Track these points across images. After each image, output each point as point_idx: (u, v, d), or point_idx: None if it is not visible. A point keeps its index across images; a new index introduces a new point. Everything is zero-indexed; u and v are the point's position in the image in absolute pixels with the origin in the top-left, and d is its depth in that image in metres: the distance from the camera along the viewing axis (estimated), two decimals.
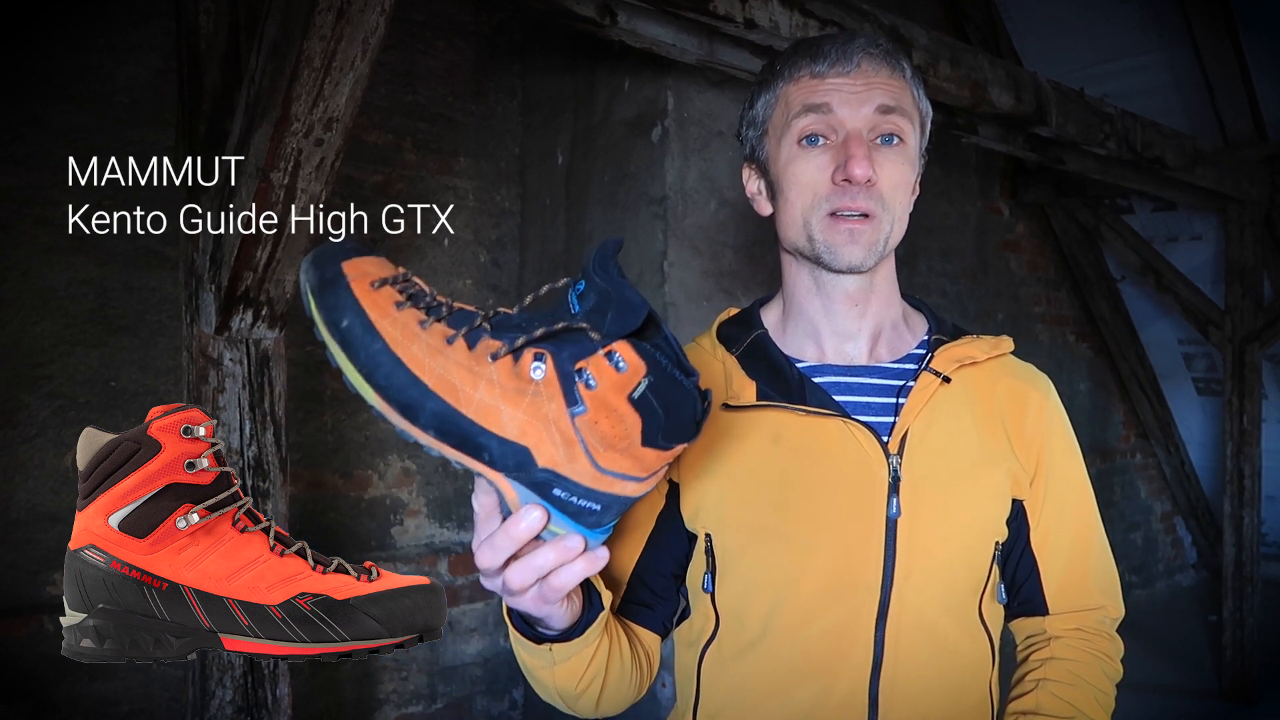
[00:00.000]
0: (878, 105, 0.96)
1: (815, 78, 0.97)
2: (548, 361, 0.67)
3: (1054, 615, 1.04)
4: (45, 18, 2.36)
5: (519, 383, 0.67)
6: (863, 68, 0.96)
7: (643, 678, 1.03)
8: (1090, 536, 1.06)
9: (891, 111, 0.97)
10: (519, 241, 3.29)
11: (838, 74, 0.96)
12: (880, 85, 0.97)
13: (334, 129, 1.53)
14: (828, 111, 0.96)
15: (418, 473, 3.07)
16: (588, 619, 0.88)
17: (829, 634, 0.95)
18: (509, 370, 0.68)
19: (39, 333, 2.35)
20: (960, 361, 1.02)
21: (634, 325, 0.69)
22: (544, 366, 0.67)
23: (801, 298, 1.04)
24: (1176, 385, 5.23)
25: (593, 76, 2.96)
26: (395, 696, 2.93)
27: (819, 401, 0.99)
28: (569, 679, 0.92)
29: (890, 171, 0.96)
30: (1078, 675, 1.00)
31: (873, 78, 0.97)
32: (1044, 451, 1.03)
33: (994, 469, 1.00)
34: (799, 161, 0.98)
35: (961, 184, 4.11)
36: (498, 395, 0.67)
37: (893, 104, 0.97)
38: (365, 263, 0.72)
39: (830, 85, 0.96)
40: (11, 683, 2.25)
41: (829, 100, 0.96)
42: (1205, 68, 3.92)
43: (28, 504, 2.33)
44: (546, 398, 0.67)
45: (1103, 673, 1.01)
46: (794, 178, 0.98)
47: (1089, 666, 1.01)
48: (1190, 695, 4.09)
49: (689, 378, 0.69)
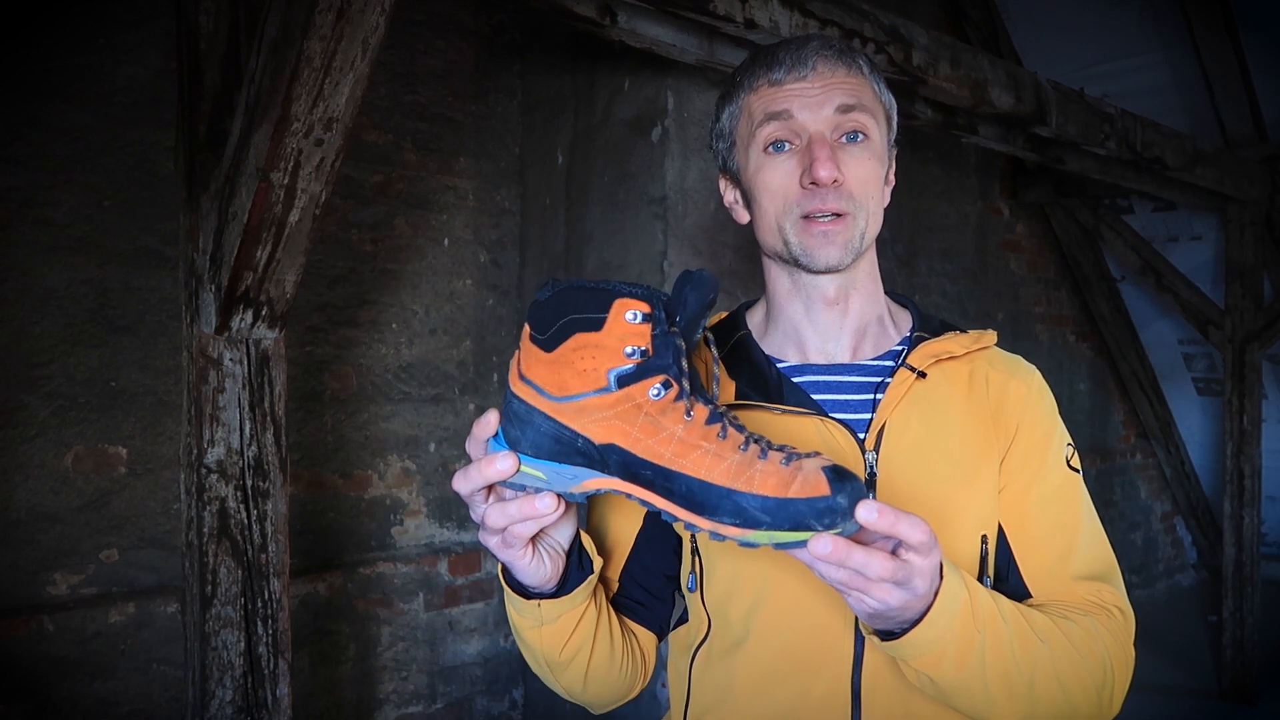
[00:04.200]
0: (837, 105, 0.97)
1: (774, 85, 0.98)
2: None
3: (1038, 596, 0.99)
4: (45, 18, 2.36)
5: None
6: (819, 70, 0.97)
7: (635, 671, 1.04)
8: (1073, 522, 1.00)
9: (852, 109, 0.97)
10: (519, 241, 3.29)
11: (795, 79, 0.97)
12: (838, 85, 0.97)
13: (334, 129, 1.53)
14: (789, 117, 0.97)
15: (418, 473, 3.07)
16: (575, 580, 0.91)
17: (809, 632, 0.95)
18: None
19: (39, 333, 2.35)
20: (937, 356, 1.01)
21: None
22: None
23: (782, 300, 1.05)
24: (1176, 385, 5.23)
25: (593, 76, 2.96)
26: (395, 696, 2.93)
27: (797, 401, 1.00)
28: (554, 642, 0.94)
29: (856, 169, 0.97)
30: (1066, 615, 0.93)
31: (829, 78, 0.97)
32: (1018, 430, 1.01)
33: (978, 462, 0.99)
34: (766, 169, 0.99)
35: (961, 184, 4.11)
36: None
37: (852, 102, 0.97)
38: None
39: (789, 91, 0.98)
40: (11, 683, 2.25)
41: (789, 106, 0.97)
42: (1205, 68, 3.92)
43: (28, 504, 2.33)
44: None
45: (1092, 629, 0.93)
46: (764, 185, 1.00)
47: (1082, 617, 0.94)
48: (1190, 695, 4.09)
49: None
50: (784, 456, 0.75)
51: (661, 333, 0.77)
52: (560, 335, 0.77)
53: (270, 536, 1.74)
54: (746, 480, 0.73)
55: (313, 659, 2.75)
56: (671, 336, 0.78)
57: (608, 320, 0.76)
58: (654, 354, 0.76)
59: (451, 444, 3.14)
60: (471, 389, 3.19)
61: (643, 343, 0.76)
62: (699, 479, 0.74)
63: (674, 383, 0.77)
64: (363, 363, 2.94)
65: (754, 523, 0.72)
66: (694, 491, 0.74)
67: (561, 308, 0.78)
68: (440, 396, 3.12)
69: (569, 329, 0.77)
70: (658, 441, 0.75)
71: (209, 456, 1.69)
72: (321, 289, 2.85)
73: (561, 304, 0.78)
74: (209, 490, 1.69)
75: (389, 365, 3.00)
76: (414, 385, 3.06)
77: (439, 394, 3.12)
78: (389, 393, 3.00)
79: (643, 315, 0.76)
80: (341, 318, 2.89)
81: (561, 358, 0.77)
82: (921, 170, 3.88)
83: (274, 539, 1.75)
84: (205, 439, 1.69)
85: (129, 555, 2.48)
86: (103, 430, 2.43)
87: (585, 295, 0.77)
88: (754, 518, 0.72)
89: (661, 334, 0.77)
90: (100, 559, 2.44)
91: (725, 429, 0.76)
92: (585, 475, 0.78)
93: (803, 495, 0.72)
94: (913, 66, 2.42)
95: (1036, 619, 0.90)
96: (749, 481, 0.73)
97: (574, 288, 0.78)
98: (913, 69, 2.42)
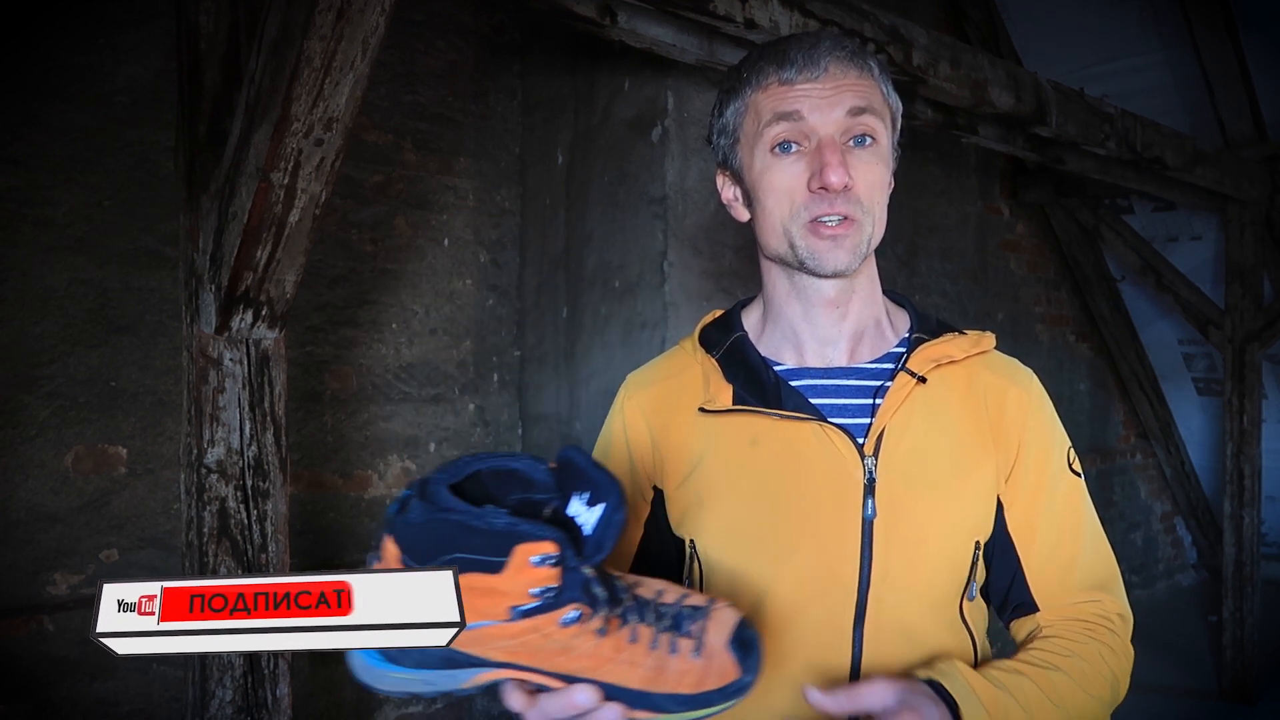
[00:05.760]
0: (848, 108, 0.95)
1: (784, 84, 0.96)
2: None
3: (1045, 610, 1.02)
4: (45, 18, 2.36)
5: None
6: (830, 71, 0.95)
7: None
8: (1076, 529, 1.03)
9: (863, 112, 0.96)
10: (519, 241, 3.29)
11: (806, 79, 0.95)
12: (849, 87, 0.95)
13: (334, 129, 1.53)
14: (799, 119, 0.95)
15: (418, 473, 3.07)
16: None
17: (808, 635, 0.95)
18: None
19: (39, 333, 2.35)
20: (938, 361, 1.01)
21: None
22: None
23: (781, 302, 1.04)
24: (1176, 385, 5.23)
25: (593, 76, 2.96)
26: (395, 696, 2.93)
27: (795, 405, 0.99)
28: None
29: (865, 173, 0.96)
30: (1068, 648, 0.97)
31: (841, 80, 0.95)
32: (1021, 444, 1.01)
33: (975, 467, 0.99)
34: (774, 171, 0.97)
35: (961, 184, 4.11)
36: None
37: (863, 105, 0.96)
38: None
39: (799, 91, 0.95)
40: (11, 683, 2.25)
41: (799, 107, 0.95)
42: (1205, 68, 3.92)
43: (28, 504, 2.33)
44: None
45: (1098, 655, 0.97)
46: (770, 187, 0.98)
47: (1085, 644, 0.97)
48: (1190, 695, 4.09)
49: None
50: (694, 644, 0.75)
51: (573, 568, 0.71)
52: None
53: (270, 536, 1.74)
54: (661, 683, 0.74)
55: (313, 659, 2.75)
56: (581, 572, 0.72)
57: (509, 566, 0.69)
58: (564, 589, 0.71)
59: (451, 444, 3.14)
60: (471, 389, 3.19)
61: (552, 582, 0.70)
62: (612, 685, 0.74)
63: (586, 607, 0.72)
64: (363, 363, 2.94)
65: (667, 711, 0.75)
66: (608, 696, 0.74)
67: (443, 542, 0.70)
68: (440, 396, 3.12)
69: (457, 567, 0.68)
70: (569, 659, 0.73)
71: (209, 456, 1.69)
72: (321, 289, 2.85)
73: (442, 538, 0.70)
74: (209, 490, 1.69)
75: (389, 365, 3.00)
76: (414, 385, 3.06)
77: (439, 394, 3.12)
78: (389, 393, 3.00)
79: (552, 559, 0.70)
80: (341, 318, 2.89)
81: None
82: (921, 170, 3.88)
83: (274, 539, 1.75)
84: (205, 439, 1.69)
85: (129, 555, 2.48)
86: (103, 430, 2.42)
87: (477, 536, 0.69)
88: (670, 709, 0.75)
89: (572, 570, 0.71)
90: (100, 559, 2.44)
91: (635, 633, 0.74)
92: (479, 670, 0.74)
93: (718, 686, 0.75)
94: (913, 66, 2.42)
95: (1050, 683, 0.92)
96: (664, 684, 0.74)
97: (457, 524, 0.70)
98: (913, 69, 2.42)
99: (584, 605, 0.73)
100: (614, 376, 1.13)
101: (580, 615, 0.72)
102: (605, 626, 0.74)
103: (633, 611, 0.75)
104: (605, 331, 2.89)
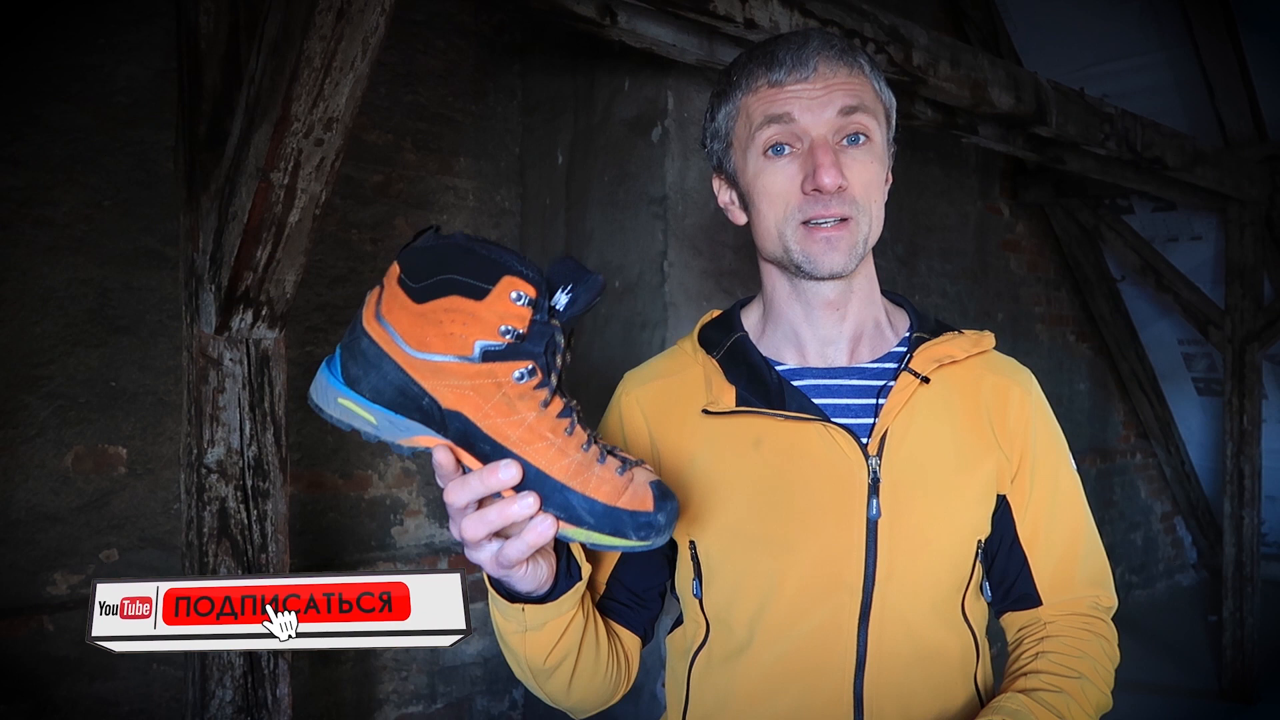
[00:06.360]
0: (840, 107, 0.94)
1: (774, 86, 0.95)
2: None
3: (1048, 606, 1.04)
4: (45, 18, 2.36)
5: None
6: (820, 71, 0.94)
7: (619, 676, 1.02)
8: (1079, 527, 1.05)
9: (855, 111, 0.95)
10: (519, 241, 3.29)
11: (796, 80, 0.94)
12: (840, 86, 0.94)
13: (334, 129, 1.53)
14: (790, 121, 0.94)
15: (417, 473, 3.07)
16: (564, 587, 0.88)
17: (812, 636, 0.95)
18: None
19: (39, 333, 2.35)
20: (940, 361, 1.01)
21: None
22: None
23: (781, 303, 1.04)
24: (1176, 385, 5.22)
25: (593, 76, 2.96)
26: (395, 696, 2.93)
27: (798, 405, 0.99)
28: (540, 650, 0.91)
29: (860, 172, 0.95)
30: (1078, 648, 0.99)
31: (831, 79, 0.94)
32: (1027, 445, 1.02)
33: (977, 466, 1.00)
34: (767, 174, 0.96)
35: (961, 184, 4.11)
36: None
37: (855, 103, 0.95)
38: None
39: (790, 93, 0.94)
40: (11, 683, 2.25)
41: (790, 109, 0.94)
42: (1205, 68, 3.92)
43: (28, 504, 2.33)
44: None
45: (1102, 651, 1.01)
46: (764, 190, 0.97)
47: (1089, 642, 1.00)
48: (1190, 695, 4.09)
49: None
50: (620, 465, 0.78)
51: (541, 320, 0.75)
52: (435, 291, 0.75)
53: (270, 536, 1.74)
54: (582, 482, 0.76)
55: (313, 659, 2.75)
56: (550, 327, 0.76)
57: (491, 293, 0.74)
58: (528, 338, 0.75)
59: None
60: None
61: (520, 325, 0.74)
62: (537, 468, 0.75)
63: (539, 371, 0.76)
64: None
65: (577, 520, 0.76)
66: (529, 479, 0.75)
67: (443, 263, 0.75)
68: None
69: (446, 287, 0.74)
70: (508, 423, 0.75)
71: (209, 456, 1.69)
72: (321, 289, 2.85)
73: (443, 259, 0.75)
74: (209, 490, 1.69)
75: None
76: None
77: None
78: None
79: (528, 299, 0.74)
80: (341, 318, 2.89)
81: (430, 314, 0.74)
82: (921, 170, 3.88)
83: (274, 539, 1.75)
84: (205, 439, 1.69)
85: (129, 555, 2.48)
86: (103, 430, 2.42)
87: (473, 260, 0.74)
88: (579, 516, 0.76)
89: (541, 321, 0.75)
90: (100, 559, 2.44)
91: (573, 426, 0.77)
92: (418, 431, 0.77)
93: (629, 507, 0.76)
94: (913, 66, 2.42)
95: (1084, 694, 0.96)
96: (584, 483, 0.76)
97: (462, 247, 0.75)
98: (913, 69, 2.42)
99: (539, 368, 0.76)
100: (614, 376, 1.12)
101: (533, 375, 0.75)
102: (549, 402, 0.76)
103: (576, 415, 0.78)
104: (605, 331, 2.89)
